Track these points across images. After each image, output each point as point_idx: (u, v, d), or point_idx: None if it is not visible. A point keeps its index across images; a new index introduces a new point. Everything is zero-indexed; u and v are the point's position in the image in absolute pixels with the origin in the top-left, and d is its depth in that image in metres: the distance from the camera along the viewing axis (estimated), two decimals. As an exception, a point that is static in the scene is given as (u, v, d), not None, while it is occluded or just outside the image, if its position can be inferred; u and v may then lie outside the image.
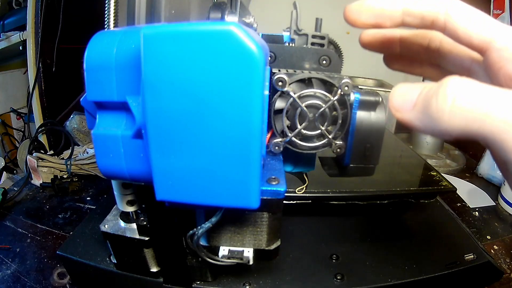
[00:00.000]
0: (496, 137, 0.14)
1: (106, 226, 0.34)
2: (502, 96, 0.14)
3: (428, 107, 0.16)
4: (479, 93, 0.15)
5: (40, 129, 0.85)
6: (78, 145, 0.79)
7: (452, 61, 0.23)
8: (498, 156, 0.20)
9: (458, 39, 0.19)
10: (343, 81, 0.23)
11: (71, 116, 0.84)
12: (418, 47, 0.24)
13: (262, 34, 0.30)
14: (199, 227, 0.26)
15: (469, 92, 0.15)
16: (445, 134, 0.16)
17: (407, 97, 0.17)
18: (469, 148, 0.90)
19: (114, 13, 0.27)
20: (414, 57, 0.25)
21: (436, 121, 0.15)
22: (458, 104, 0.15)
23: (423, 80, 0.54)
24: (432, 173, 0.56)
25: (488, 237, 0.57)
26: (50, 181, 0.65)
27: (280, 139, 0.25)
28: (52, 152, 0.77)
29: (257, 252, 0.29)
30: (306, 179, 0.32)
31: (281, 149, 0.25)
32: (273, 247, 0.29)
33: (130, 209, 0.33)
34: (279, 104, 0.24)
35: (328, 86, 0.24)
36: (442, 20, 0.19)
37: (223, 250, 0.29)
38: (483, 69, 0.20)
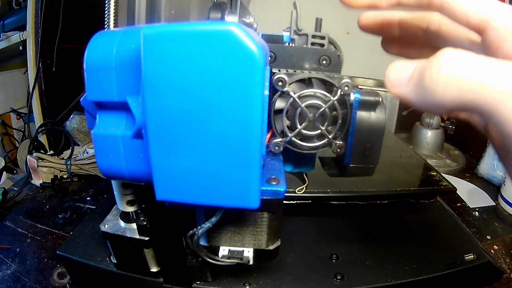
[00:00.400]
0: (492, 108, 0.14)
1: (106, 226, 0.34)
2: (498, 66, 0.14)
3: (423, 79, 0.15)
4: (474, 63, 0.14)
5: (40, 129, 0.85)
6: (78, 145, 0.79)
7: (451, 43, 0.23)
8: (494, 132, 0.20)
9: (455, 19, 0.19)
10: (343, 81, 0.23)
11: (71, 116, 0.84)
12: (417, 30, 0.24)
13: (262, 34, 0.30)
14: (199, 227, 0.26)
15: (463, 62, 0.14)
16: (440, 107, 0.15)
17: (403, 73, 0.17)
18: (469, 148, 0.90)
19: (114, 13, 0.27)
20: (413, 40, 0.25)
21: (431, 92, 0.15)
22: (452, 74, 0.14)
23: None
24: (432, 173, 0.56)
25: (488, 237, 0.57)
26: (50, 181, 0.65)
27: (280, 139, 0.25)
28: (52, 152, 0.77)
29: (257, 252, 0.29)
30: (306, 179, 0.32)
31: (281, 149, 0.25)
32: (273, 247, 0.29)
33: (130, 209, 0.33)
34: (279, 104, 0.24)
35: (328, 86, 0.24)
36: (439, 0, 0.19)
37: (223, 250, 0.29)
38: (482, 51, 0.19)
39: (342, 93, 0.23)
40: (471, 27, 0.18)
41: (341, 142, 0.25)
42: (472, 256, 0.42)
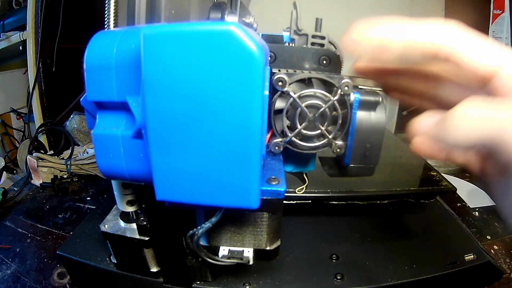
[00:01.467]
0: (503, 138, 0.17)
1: (106, 226, 0.34)
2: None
3: (452, 116, 0.18)
4: (494, 106, 0.17)
5: (40, 129, 0.85)
6: (78, 145, 0.79)
7: (451, 86, 0.23)
8: (493, 168, 0.21)
9: (462, 69, 0.19)
10: (343, 81, 0.23)
11: (71, 116, 0.84)
12: (414, 73, 0.25)
13: (262, 34, 0.30)
14: (199, 227, 0.26)
15: (485, 107, 0.17)
16: (463, 141, 0.18)
17: (429, 118, 0.20)
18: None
19: (114, 13, 0.27)
20: (410, 87, 0.25)
21: (456, 128, 0.18)
22: (477, 113, 0.17)
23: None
24: (432, 173, 0.56)
25: (488, 237, 0.57)
26: (50, 181, 0.65)
27: (280, 139, 0.25)
28: (52, 152, 0.77)
29: (257, 252, 0.29)
30: (306, 179, 0.32)
31: (281, 149, 0.25)
32: (273, 247, 0.29)
33: (130, 209, 0.33)
34: (279, 104, 0.24)
35: (328, 86, 0.24)
36: (446, 52, 0.19)
37: (223, 250, 0.29)
38: (486, 95, 0.20)
39: (342, 93, 0.23)
40: (477, 76, 0.19)
41: (341, 142, 0.25)
42: (472, 256, 0.42)
